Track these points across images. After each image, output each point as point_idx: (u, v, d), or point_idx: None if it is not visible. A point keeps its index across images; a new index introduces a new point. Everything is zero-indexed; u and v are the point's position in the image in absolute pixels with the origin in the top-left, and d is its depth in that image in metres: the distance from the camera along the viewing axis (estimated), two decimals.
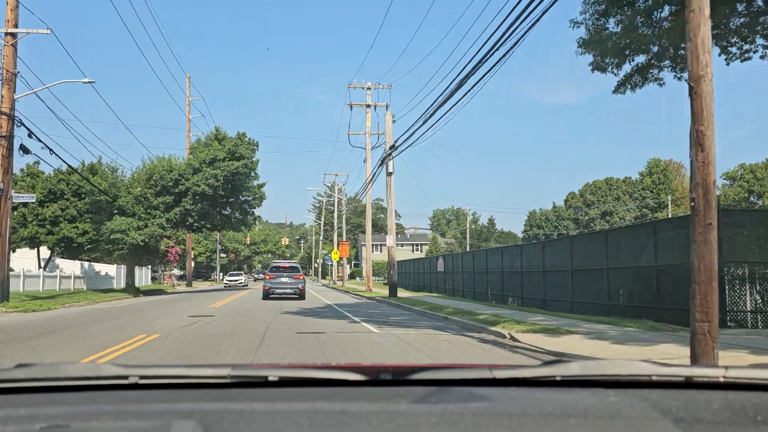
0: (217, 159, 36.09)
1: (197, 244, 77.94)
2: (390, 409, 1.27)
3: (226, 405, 1.29)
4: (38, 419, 1.20)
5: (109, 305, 24.49)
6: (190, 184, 35.67)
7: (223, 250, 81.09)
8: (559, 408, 1.29)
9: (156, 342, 10.92)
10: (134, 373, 1.43)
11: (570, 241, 21.12)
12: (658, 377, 1.42)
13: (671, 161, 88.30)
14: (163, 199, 35.85)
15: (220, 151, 36.18)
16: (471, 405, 1.29)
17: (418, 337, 12.09)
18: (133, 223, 34.59)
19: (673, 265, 14.31)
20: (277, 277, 27.39)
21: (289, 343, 10.67)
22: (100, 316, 17.70)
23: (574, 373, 1.44)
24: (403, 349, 10.10)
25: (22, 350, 9.96)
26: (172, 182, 35.71)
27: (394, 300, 25.54)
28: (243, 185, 38.12)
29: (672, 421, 1.21)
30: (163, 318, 16.43)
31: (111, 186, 35.61)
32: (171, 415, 1.24)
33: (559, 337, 11.14)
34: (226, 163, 35.93)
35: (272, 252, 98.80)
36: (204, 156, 36.21)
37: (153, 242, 35.57)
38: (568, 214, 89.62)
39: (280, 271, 27.82)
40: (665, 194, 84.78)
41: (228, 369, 1.44)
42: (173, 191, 36.00)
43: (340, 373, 1.44)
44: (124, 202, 35.48)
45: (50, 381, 1.43)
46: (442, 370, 1.52)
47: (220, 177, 35.55)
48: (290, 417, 1.22)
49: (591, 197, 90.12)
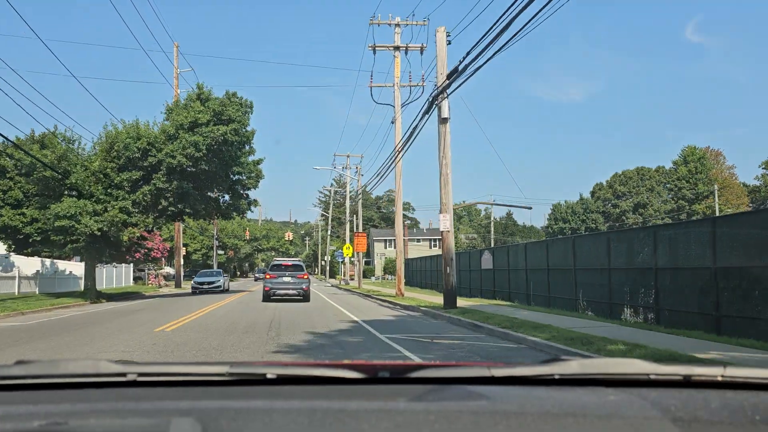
0: (199, 123, 27.63)
1: (192, 240, 69.68)
2: (388, 407, 1.26)
3: (224, 402, 1.28)
4: (37, 416, 1.19)
5: (25, 319, 17.97)
6: (163, 156, 27.26)
7: (220, 246, 72.23)
8: (558, 406, 1.28)
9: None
10: (133, 371, 1.42)
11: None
12: (657, 376, 1.42)
13: (708, 149, 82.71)
14: (127, 176, 27.44)
15: (202, 113, 27.72)
16: (469, 403, 1.29)
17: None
18: (86, 207, 26.06)
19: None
20: (278, 277, 25.10)
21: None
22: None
23: (572, 372, 1.44)
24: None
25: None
26: (139, 153, 27.26)
27: (463, 315, 15.62)
28: (234, 159, 29.63)
29: (670, 420, 1.20)
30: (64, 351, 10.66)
31: (60, 159, 27.04)
32: (169, 413, 1.23)
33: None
34: (211, 128, 27.48)
35: (275, 249, 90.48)
36: (182, 119, 27.72)
37: (114, 232, 27.01)
38: (597, 206, 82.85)
39: (282, 269, 25.56)
40: (703, 184, 77.39)
41: (226, 366, 1.42)
42: (141, 165, 27.53)
43: (338, 371, 1.43)
44: (78, 180, 26.94)
45: (49, 378, 1.42)
46: (441, 368, 1.52)
47: (202, 146, 27.11)
48: (288, 415, 1.22)
49: (621, 188, 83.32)
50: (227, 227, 76.79)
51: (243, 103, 29.46)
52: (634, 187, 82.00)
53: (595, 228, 78.73)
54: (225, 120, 28.19)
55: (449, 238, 18.62)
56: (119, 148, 27.45)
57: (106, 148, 27.96)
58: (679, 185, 78.78)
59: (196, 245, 69.92)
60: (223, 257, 74.08)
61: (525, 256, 24.61)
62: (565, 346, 9.52)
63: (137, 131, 27.90)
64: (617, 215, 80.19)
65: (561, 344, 9.80)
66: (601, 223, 79.09)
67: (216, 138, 27.49)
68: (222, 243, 72.72)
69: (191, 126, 27.84)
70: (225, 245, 74.87)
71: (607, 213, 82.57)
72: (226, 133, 27.67)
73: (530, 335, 11.23)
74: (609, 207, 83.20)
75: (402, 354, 9.69)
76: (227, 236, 76.03)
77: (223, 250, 73.26)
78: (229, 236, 76.70)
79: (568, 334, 10.87)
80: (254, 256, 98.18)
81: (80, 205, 26.17)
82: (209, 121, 27.88)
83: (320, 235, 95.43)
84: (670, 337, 10.82)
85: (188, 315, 18.02)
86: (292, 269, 25.52)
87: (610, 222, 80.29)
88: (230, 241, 76.79)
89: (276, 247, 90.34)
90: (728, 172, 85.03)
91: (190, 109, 28.32)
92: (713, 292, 12.78)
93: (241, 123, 28.75)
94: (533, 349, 10.42)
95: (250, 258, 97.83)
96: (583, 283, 19.53)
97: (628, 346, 9.24)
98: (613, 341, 9.94)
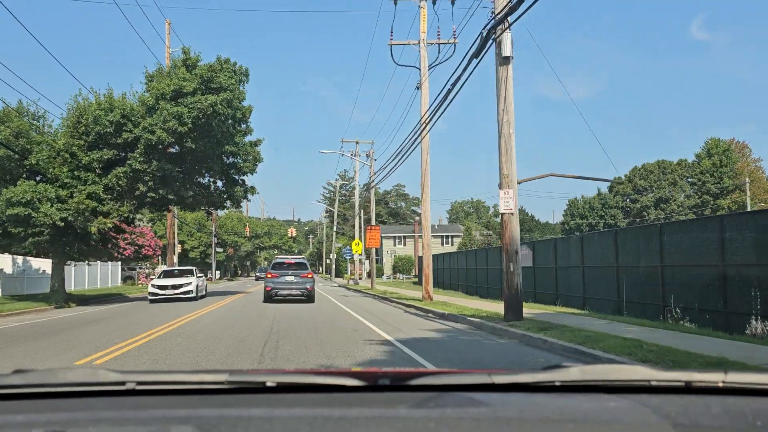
0: (184, 92, 23.11)
1: (189, 237, 65.09)
2: (388, 415, 1.26)
3: (223, 411, 1.27)
4: (36, 425, 1.19)
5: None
6: (140, 131, 22.75)
7: (219, 243, 67.23)
8: (558, 413, 1.27)
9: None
10: (132, 379, 1.40)
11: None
12: (658, 382, 1.41)
13: (733, 140, 78.27)
14: (98, 155, 22.90)
15: (188, 81, 23.11)
16: (470, 410, 1.28)
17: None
18: (47, 192, 21.53)
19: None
20: (281, 276, 23.16)
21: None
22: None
23: (573, 378, 1.43)
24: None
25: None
26: (112, 128, 22.72)
27: (543, 332, 10.85)
28: (226, 137, 25.05)
29: (671, 426, 1.20)
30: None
31: (17, 136, 22.50)
32: (168, 421, 1.23)
33: None
34: (197, 98, 22.87)
35: (278, 247, 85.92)
36: (163, 88, 23.11)
37: (81, 222, 22.45)
38: (616, 201, 77.84)
39: (285, 268, 23.60)
40: (729, 178, 73.19)
41: (226, 375, 1.41)
42: (114, 142, 22.99)
43: (338, 378, 1.41)
44: (40, 161, 22.45)
45: (48, 387, 1.40)
46: (441, 375, 1.51)
47: (187, 118, 22.62)
48: (288, 423, 1.21)
49: (642, 182, 78.09)
50: (227, 224, 72.84)
51: (237, 70, 24.90)
52: (655, 181, 77.65)
53: (614, 224, 73.50)
54: (215, 89, 23.63)
55: (512, 223, 12.95)
56: (88, 121, 22.93)
57: (73, 123, 23.41)
58: (702, 179, 74.51)
59: (193, 242, 65.34)
60: (222, 255, 69.75)
61: (581, 251, 19.97)
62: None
63: (110, 102, 23.33)
64: (638, 210, 75.91)
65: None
66: (620, 219, 74.76)
67: (204, 109, 22.91)
68: (221, 240, 68.34)
69: (175, 95, 23.29)
70: (224, 242, 70.11)
71: (627, 208, 78.07)
72: (216, 104, 23.07)
73: None
74: (628, 202, 78.84)
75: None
76: (227, 233, 71.35)
77: (222, 248, 68.82)
78: (228, 233, 71.87)
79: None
80: (256, 255, 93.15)
81: (39, 190, 21.72)
82: (196, 90, 23.33)
83: (325, 232, 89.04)
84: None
85: (155, 329, 13.44)
86: (295, 267, 23.58)
87: (630, 218, 75.88)
88: (230, 239, 71.74)
89: (278, 244, 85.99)
90: (754, 165, 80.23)
91: (174, 76, 23.75)
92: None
93: (234, 93, 24.16)
94: None
95: (252, 256, 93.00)
96: (675, 284, 14.99)
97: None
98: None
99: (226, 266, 78.37)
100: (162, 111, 22.56)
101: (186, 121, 22.72)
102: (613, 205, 78.20)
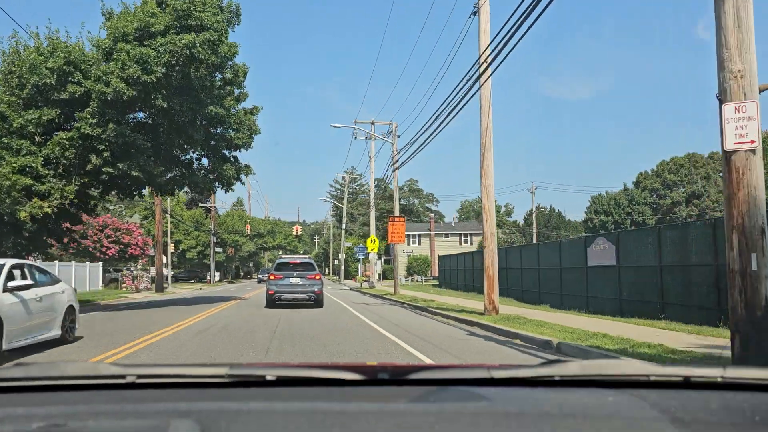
0: (152, 31, 17.11)
1: (186, 236, 59.32)
2: (388, 409, 1.25)
3: (223, 404, 1.26)
4: (36, 418, 1.18)
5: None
6: (92, 83, 16.67)
7: (219, 243, 61.25)
8: (557, 408, 1.27)
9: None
10: (132, 373, 1.40)
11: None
12: (657, 377, 1.40)
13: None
14: (34, 115, 16.90)
15: (157, 18, 17.07)
16: (469, 404, 1.27)
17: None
18: None
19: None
20: (285, 278, 20.36)
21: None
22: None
23: (572, 373, 1.42)
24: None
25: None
26: (54, 78, 16.73)
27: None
28: (211, 95, 18.94)
29: (670, 421, 1.19)
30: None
31: None
32: (168, 415, 1.22)
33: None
34: (170, 38, 16.80)
35: (282, 247, 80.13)
36: (125, 26, 17.10)
37: (8, 206, 16.37)
38: (643, 197, 71.98)
39: (289, 269, 20.78)
40: None
41: (226, 368, 1.41)
42: (57, 98, 16.93)
43: (338, 372, 1.41)
44: None
45: (48, 380, 1.40)
46: (441, 369, 1.51)
47: (155, 65, 16.54)
48: (288, 416, 1.20)
49: (671, 177, 72.67)
50: (227, 222, 67.74)
51: (224, 8, 18.76)
52: (686, 176, 72.65)
53: (642, 222, 68.17)
54: (194, 26, 17.50)
55: (754, 172, 6.38)
56: (22, 71, 16.87)
57: (3, 74, 17.37)
58: None
59: (190, 242, 59.93)
60: (222, 256, 64.26)
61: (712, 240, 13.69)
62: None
63: (53, 46, 17.28)
64: (668, 207, 70.48)
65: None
66: (649, 216, 69.39)
67: (177, 52, 16.86)
68: (221, 239, 62.59)
69: (139, 36, 17.28)
70: (224, 242, 64.44)
71: (657, 205, 72.57)
72: (195, 46, 17.02)
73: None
74: (655, 198, 73.37)
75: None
76: (227, 232, 65.47)
77: (222, 248, 63.20)
78: (229, 232, 65.87)
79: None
80: (259, 255, 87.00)
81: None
82: (168, 28, 17.32)
83: (332, 232, 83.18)
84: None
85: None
86: (301, 268, 20.88)
87: (659, 215, 70.72)
88: (230, 238, 65.56)
89: (283, 245, 80.00)
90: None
91: (139, 12, 17.66)
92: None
93: (220, 35, 18.04)
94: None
95: (255, 257, 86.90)
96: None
97: None
98: None
99: (227, 267, 73.18)
100: (120, 53, 16.52)
101: (153, 69, 16.72)
102: (641, 201, 72.37)
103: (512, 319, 13.72)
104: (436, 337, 11.99)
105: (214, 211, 58.53)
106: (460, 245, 69.31)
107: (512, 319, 13.72)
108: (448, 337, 12.06)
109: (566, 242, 23.23)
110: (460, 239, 72.90)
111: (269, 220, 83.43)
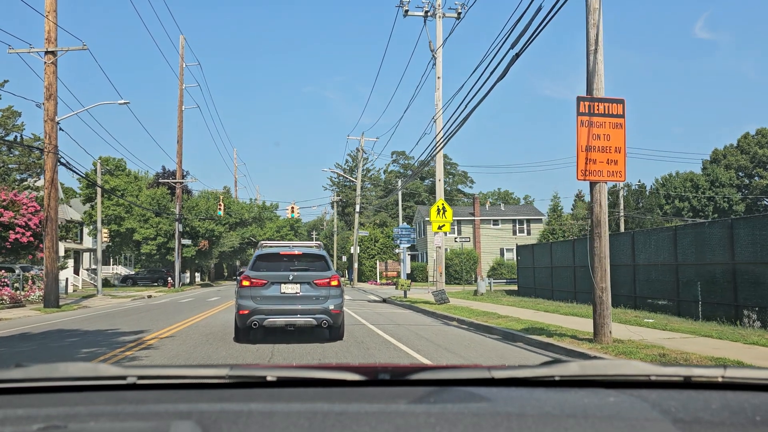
0: None
1: (142, 222, 45.85)
2: (389, 410, 1.26)
3: (224, 405, 1.27)
4: (36, 419, 1.19)
5: None
6: None
7: (187, 233, 46.69)
8: (558, 408, 1.28)
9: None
10: (132, 374, 1.41)
11: None
12: (657, 377, 1.42)
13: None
14: None
15: None
16: (470, 405, 1.28)
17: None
18: None
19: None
20: (271, 284, 11.01)
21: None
22: None
23: (572, 373, 1.43)
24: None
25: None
26: None
27: None
28: None
29: (671, 421, 1.20)
30: None
31: None
32: (169, 416, 1.23)
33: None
34: None
35: (273, 240, 53.17)
36: None
37: None
38: (729, 177, 58.58)
39: (281, 264, 11.38)
40: None
41: (226, 369, 1.42)
42: None
43: (338, 373, 1.42)
44: None
45: (48, 381, 1.41)
46: (441, 370, 1.52)
47: None
48: (289, 417, 1.21)
49: (763, 152, 60.07)
50: (200, 205, 50.38)
51: None
52: None
53: (729, 209, 55.60)
54: None
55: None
56: None
57: None
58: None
59: (147, 231, 45.47)
60: (192, 251, 47.55)
61: None
62: None
63: None
64: (764, 188, 58.27)
65: None
66: (736, 201, 56.63)
67: None
68: (190, 228, 47.53)
69: None
70: (196, 232, 48.36)
71: (747, 186, 59.97)
72: None
73: None
74: (743, 178, 60.64)
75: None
76: (198, 218, 48.76)
77: (192, 239, 47.43)
78: (202, 218, 48.98)
79: None
80: (246, 252, 64.01)
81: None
82: None
83: (335, 222, 64.93)
84: None
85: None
86: (303, 265, 11.48)
87: (748, 198, 58.14)
88: (203, 226, 48.66)
89: (275, 238, 62.75)
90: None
91: None
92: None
93: None
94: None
95: (242, 254, 64.74)
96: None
97: None
98: None
99: (202, 266, 56.89)
100: None
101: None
102: (726, 182, 58.04)
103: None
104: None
105: (179, 188, 43.02)
106: (514, 236, 52.50)
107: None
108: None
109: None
110: (513, 227, 53.64)
111: (256, 204, 64.46)
